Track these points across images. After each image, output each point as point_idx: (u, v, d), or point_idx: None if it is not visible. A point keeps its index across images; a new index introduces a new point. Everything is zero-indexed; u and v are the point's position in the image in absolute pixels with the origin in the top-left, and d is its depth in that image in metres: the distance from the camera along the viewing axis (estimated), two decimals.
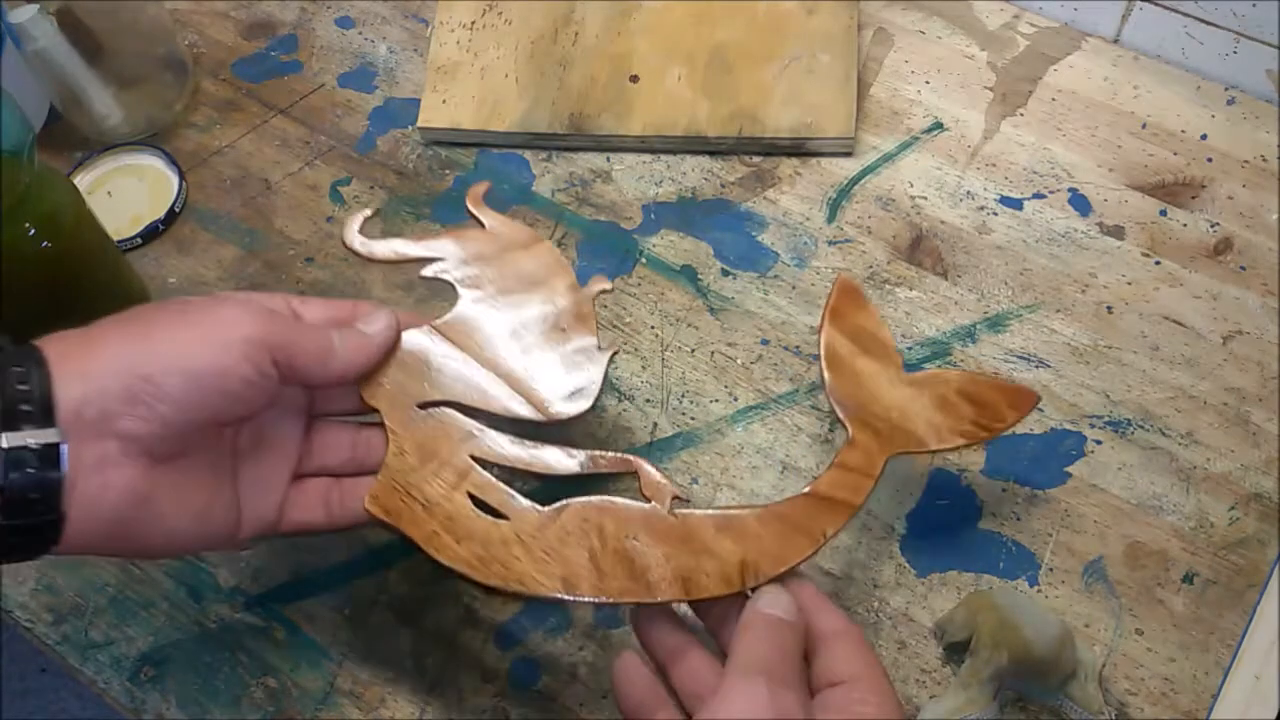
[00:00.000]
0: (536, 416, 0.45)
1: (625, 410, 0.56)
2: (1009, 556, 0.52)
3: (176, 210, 0.64)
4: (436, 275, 0.48)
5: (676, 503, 0.43)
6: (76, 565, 0.53)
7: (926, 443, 0.45)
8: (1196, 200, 0.62)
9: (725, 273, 0.60)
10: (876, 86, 0.67)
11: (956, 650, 0.48)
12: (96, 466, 0.37)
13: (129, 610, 0.52)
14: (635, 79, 0.66)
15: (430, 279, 0.48)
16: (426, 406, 0.45)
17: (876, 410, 0.46)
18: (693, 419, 0.56)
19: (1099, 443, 0.54)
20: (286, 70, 0.70)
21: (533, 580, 0.42)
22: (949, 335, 0.58)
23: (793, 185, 0.63)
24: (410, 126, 0.66)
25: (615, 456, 0.45)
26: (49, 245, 0.52)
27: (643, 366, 0.58)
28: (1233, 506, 0.52)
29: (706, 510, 0.43)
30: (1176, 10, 0.65)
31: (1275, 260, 0.59)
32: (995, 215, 0.62)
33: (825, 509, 0.43)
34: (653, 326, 0.59)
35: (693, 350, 0.58)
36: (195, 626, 0.51)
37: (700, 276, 0.60)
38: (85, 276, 0.55)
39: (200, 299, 0.42)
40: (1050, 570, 0.51)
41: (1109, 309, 0.58)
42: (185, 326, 0.40)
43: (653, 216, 0.63)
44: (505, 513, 0.44)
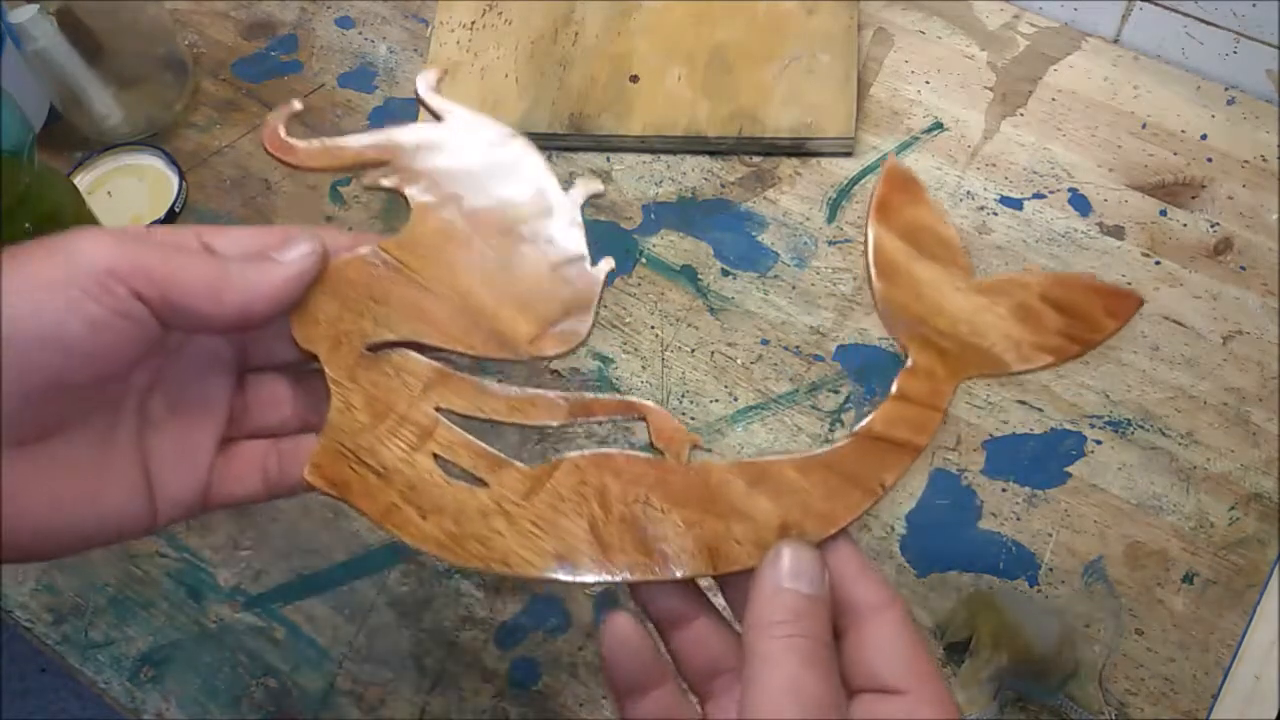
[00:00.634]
0: (516, 356, 0.36)
1: None
2: (1009, 556, 0.52)
3: (176, 210, 0.64)
4: (381, 184, 0.37)
5: (696, 452, 0.35)
6: (77, 565, 0.53)
7: (1006, 363, 0.36)
8: (1196, 200, 0.62)
9: (725, 273, 0.60)
10: (876, 86, 0.67)
11: (956, 650, 0.48)
12: None
13: (129, 610, 0.52)
14: (635, 79, 0.66)
15: (374, 189, 0.37)
16: (377, 349, 0.36)
17: (941, 325, 0.36)
18: (693, 419, 0.56)
19: (1099, 443, 0.54)
20: (286, 70, 0.70)
21: (519, 559, 0.34)
22: None
23: (793, 185, 0.63)
24: None
25: (615, 399, 0.37)
26: None
27: (643, 367, 0.58)
28: (1233, 506, 0.52)
29: (734, 461, 0.35)
30: (1176, 10, 0.65)
31: (1275, 260, 0.59)
32: (995, 215, 0.62)
33: (882, 453, 0.34)
34: (653, 326, 0.59)
35: (693, 350, 0.58)
36: (195, 626, 0.52)
37: (700, 276, 0.60)
38: None
39: (56, 235, 0.32)
40: (1050, 570, 0.51)
41: None
42: (13, 270, 0.31)
43: (653, 216, 0.63)
44: (482, 477, 0.35)
